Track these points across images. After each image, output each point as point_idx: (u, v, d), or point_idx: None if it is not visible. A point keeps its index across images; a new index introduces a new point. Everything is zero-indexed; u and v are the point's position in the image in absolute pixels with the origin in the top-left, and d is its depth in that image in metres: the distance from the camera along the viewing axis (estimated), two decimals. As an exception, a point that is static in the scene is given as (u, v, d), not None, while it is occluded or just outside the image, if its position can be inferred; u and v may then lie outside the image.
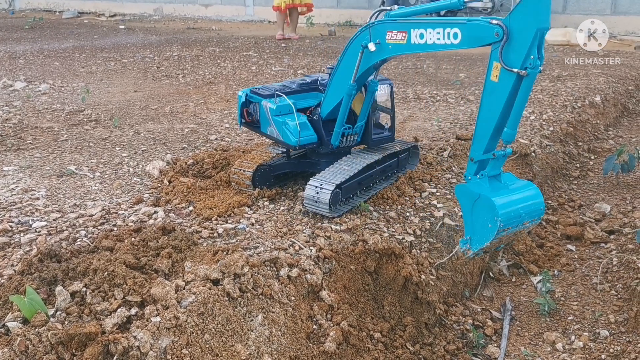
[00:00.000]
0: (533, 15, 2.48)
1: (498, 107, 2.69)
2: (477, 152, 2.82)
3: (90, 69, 8.19)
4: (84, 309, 2.53)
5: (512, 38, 2.56)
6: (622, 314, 3.38)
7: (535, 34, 2.49)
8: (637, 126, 6.52)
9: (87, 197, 3.75)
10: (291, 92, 3.76)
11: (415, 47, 3.02)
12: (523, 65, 2.54)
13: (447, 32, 2.84)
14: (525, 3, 2.50)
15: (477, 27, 2.70)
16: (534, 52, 2.53)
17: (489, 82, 2.70)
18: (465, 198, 2.90)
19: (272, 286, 2.84)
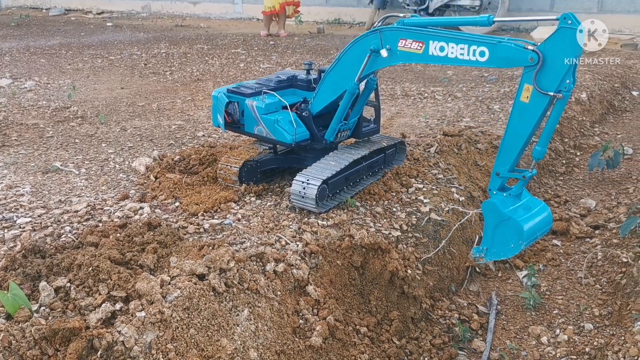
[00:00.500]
0: (570, 45, 2.54)
1: (528, 127, 2.74)
2: (503, 168, 2.88)
3: (76, 66, 8.13)
4: (68, 304, 2.52)
5: (547, 64, 2.60)
6: (607, 307, 3.41)
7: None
8: (623, 123, 6.57)
9: (72, 194, 3.72)
10: (269, 89, 3.70)
11: (432, 59, 3.00)
12: (557, 89, 2.60)
13: (472, 49, 2.84)
14: (562, 33, 2.55)
15: (509, 49, 2.71)
16: (569, 77, 2.59)
17: (519, 102, 2.73)
18: (492, 215, 2.95)
19: (258, 281, 2.84)
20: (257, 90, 3.67)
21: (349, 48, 3.31)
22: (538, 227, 2.94)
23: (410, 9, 11.83)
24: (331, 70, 3.45)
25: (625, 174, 5.11)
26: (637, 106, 7.12)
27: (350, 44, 3.31)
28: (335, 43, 10.55)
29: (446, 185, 4.06)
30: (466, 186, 4.18)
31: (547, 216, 3.00)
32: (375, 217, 3.56)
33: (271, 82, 3.80)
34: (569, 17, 2.53)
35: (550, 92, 2.60)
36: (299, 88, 3.77)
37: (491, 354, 3.17)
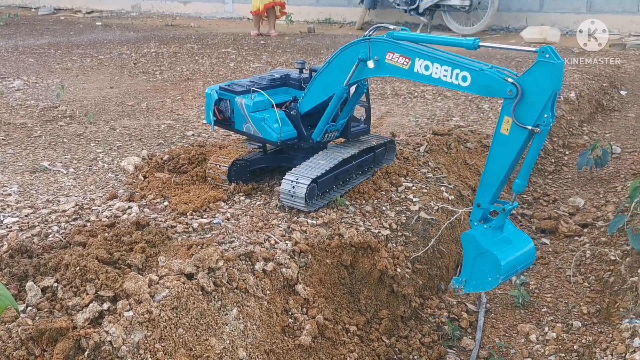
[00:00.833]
0: (549, 79, 2.50)
1: (508, 160, 2.71)
2: (484, 199, 2.84)
3: (65, 66, 8.09)
4: (55, 304, 2.50)
5: (526, 97, 2.57)
6: (595, 305, 3.43)
7: (550, 95, 2.52)
8: (611, 122, 6.61)
9: (60, 193, 3.70)
10: (262, 88, 3.71)
11: (417, 76, 2.96)
12: (536, 123, 2.56)
13: (455, 73, 2.80)
14: (540, 67, 2.51)
15: (490, 78, 2.67)
16: (547, 112, 2.56)
17: (499, 134, 2.70)
18: (471, 247, 2.89)
19: (247, 280, 2.83)
20: (248, 88, 3.67)
21: (339, 54, 3.30)
22: (518, 260, 2.88)
23: (401, 8, 11.85)
24: (321, 72, 3.44)
25: (613, 173, 5.14)
26: (626, 105, 7.17)
27: (340, 50, 3.29)
28: (325, 43, 10.56)
29: (435, 184, 4.07)
30: (455, 185, 4.19)
31: (529, 250, 2.93)
32: (364, 216, 3.56)
33: (264, 81, 3.80)
34: (547, 51, 2.48)
35: (529, 125, 2.56)
36: (292, 87, 3.77)
37: (480, 352, 3.17)
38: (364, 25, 12.72)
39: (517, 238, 2.92)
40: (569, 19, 11.56)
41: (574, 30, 11.51)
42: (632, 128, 6.34)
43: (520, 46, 2.75)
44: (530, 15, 11.76)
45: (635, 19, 10.88)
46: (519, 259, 2.88)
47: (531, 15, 11.76)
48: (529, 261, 2.95)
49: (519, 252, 2.88)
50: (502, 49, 2.81)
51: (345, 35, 11.59)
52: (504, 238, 2.87)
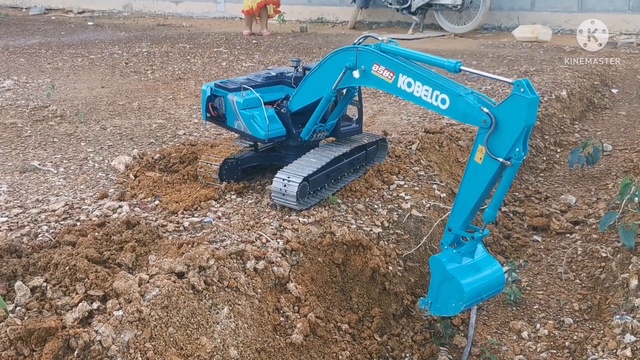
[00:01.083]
0: (522, 113, 2.46)
1: (480, 188, 2.70)
2: (456, 224, 2.83)
3: (56, 65, 8.04)
4: (44, 304, 2.49)
5: (499, 129, 2.54)
6: (586, 302, 3.44)
7: (522, 130, 2.49)
8: (602, 120, 6.63)
9: (50, 193, 3.68)
10: (257, 85, 3.73)
11: (400, 92, 2.94)
12: (507, 156, 2.54)
13: (435, 94, 2.78)
14: (514, 101, 2.48)
15: (466, 105, 2.65)
16: (519, 146, 2.53)
17: (473, 162, 2.69)
18: (438, 271, 2.88)
19: (238, 279, 2.82)
20: (241, 85, 3.68)
21: (328, 58, 3.29)
22: (484, 288, 2.86)
23: (393, 7, 11.86)
24: (311, 74, 3.44)
25: (604, 170, 5.16)
26: (617, 103, 7.20)
27: (330, 55, 3.28)
28: (318, 42, 10.55)
29: (427, 182, 4.06)
30: (447, 183, 4.19)
31: (497, 277, 2.91)
32: (356, 214, 3.55)
33: (259, 78, 3.81)
34: (522, 85, 2.43)
35: (500, 157, 2.54)
36: (286, 85, 3.77)
37: (472, 350, 3.17)
38: (356, 24, 12.72)
39: (486, 265, 2.89)
40: (561, 17, 11.60)
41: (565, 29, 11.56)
42: (623, 126, 6.36)
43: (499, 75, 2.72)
44: (522, 14, 11.79)
45: (626, 18, 10.93)
46: (485, 287, 2.86)
47: (523, 14, 11.79)
48: (497, 289, 2.94)
49: (486, 280, 2.86)
50: (482, 76, 2.78)
51: (338, 35, 11.59)
52: (472, 265, 2.86)
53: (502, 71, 7.71)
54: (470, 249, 2.85)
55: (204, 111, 3.83)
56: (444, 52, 9.51)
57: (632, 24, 10.96)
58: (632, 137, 5.97)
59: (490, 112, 2.54)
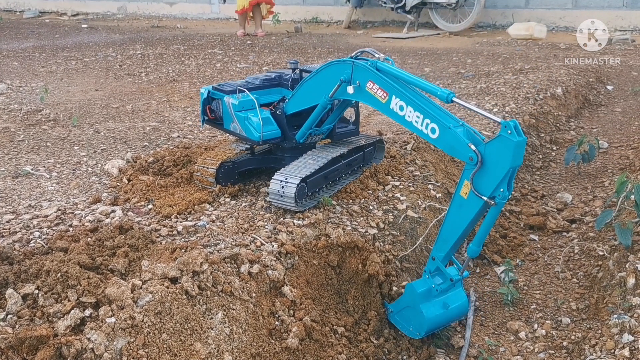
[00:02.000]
0: (508, 155, 2.46)
1: (463, 222, 2.71)
2: (439, 254, 2.89)
3: (50, 69, 8.01)
4: (36, 311, 2.46)
5: (485, 167, 2.54)
6: (583, 301, 3.42)
7: (507, 171, 2.49)
8: (598, 117, 6.62)
9: (42, 198, 3.65)
10: (254, 87, 3.72)
11: (392, 114, 2.92)
12: (492, 195, 2.54)
13: (426, 122, 2.76)
14: (500, 142, 2.47)
15: (455, 139, 2.64)
16: (503, 186, 2.53)
17: (459, 196, 2.69)
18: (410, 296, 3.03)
19: (233, 283, 2.79)
20: (238, 87, 3.67)
21: (324, 68, 3.26)
22: (445, 322, 3.10)
23: (387, 6, 11.85)
24: (307, 80, 3.42)
25: (600, 168, 5.15)
26: (612, 100, 7.19)
27: (325, 65, 3.26)
28: (313, 42, 10.53)
29: (423, 182, 4.04)
30: (443, 183, 4.17)
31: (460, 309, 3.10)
32: (351, 215, 3.53)
33: (257, 81, 3.81)
34: (509, 127, 2.42)
35: (485, 196, 2.55)
36: (284, 87, 3.76)
37: (469, 351, 3.15)
38: (351, 23, 12.70)
39: (454, 300, 3.05)
40: (555, 14, 11.59)
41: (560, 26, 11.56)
42: (618, 122, 6.35)
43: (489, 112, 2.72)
44: (516, 12, 11.78)
45: (621, 14, 10.94)
46: (446, 320, 3.10)
47: (517, 12, 11.79)
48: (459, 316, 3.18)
49: (449, 315, 3.06)
50: (473, 110, 2.74)
51: (333, 35, 11.57)
52: (442, 301, 3.01)
53: (497, 69, 7.70)
54: (447, 288, 2.96)
55: (202, 114, 3.83)
56: (439, 51, 9.50)
57: (627, 20, 10.96)
58: (627, 133, 5.96)
59: (477, 149, 2.54)
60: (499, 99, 6.04)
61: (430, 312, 2.97)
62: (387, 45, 10.17)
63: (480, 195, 2.56)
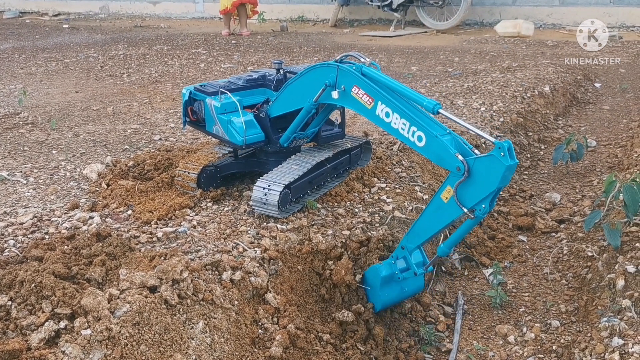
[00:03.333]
0: (497, 176, 2.41)
1: (439, 224, 2.70)
2: (410, 245, 2.91)
3: (29, 70, 7.86)
4: (9, 324, 2.38)
5: (471, 181, 2.50)
6: (573, 303, 3.36)
7: (493, 191, 2.46)
8: (586, 115, 6.59)
9: (18, 204, 3.54)
10: (237, 88, 3.62)
11: (378, 120, 2.85)
12: (473, 208, 2.52)
13: (412, 130, 2.70)
14: (492, 161, 2.42)
15: (442, 148, 2.58)
16: (486, 203, 2.50)
17: (439, 198, 2.65)
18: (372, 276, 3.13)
19: (214, 291, 2.71)
20: (220, 89, 3.58)
21: (308, 71, 3.19)
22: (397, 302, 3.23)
23: (374, 4, 11.79)
24: (292, 83, 3.33)
25: (589, 167, 5.11)
26: (600, 98, 7.17)
27: (310, 68, 3.18)
28: (299, 41, 10.44)
29: (409, 184, 3.97)
30: (430, 184, 4.11)
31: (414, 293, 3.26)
32: (337, 218, 3.45)
33: (240, 81, 3.71)
34: (503, 149, 2.37)
35: (465, 207, 2.52)
36: (269, 88, 3.67)
37: (458, 356, 3.09)
38: (337, 22, 12.63)
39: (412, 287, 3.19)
40: (542, 11, 11.59)
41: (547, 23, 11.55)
42: (607, 120, 6.32)
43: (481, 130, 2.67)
44: (503, 9, 11.76)
45: (608, 11, 10.94)
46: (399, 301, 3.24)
47: (505, 9, 11.77)
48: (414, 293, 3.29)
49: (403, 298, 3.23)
50: (461, 124, 2.65)
51: (319, 33, 11.48)
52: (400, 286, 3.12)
53: (485, 67, 7.66)
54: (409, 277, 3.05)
55: (184, 116, 3.73)
56: (426, 49, 9.45)
57: (614, 16, 10.97)
58: (615, 131, 5.93)
59: (465, 161, 2.49)
60: (486, 98, 5.99)
61: (387, 296, 3.09)
62: (373, 44, 10.10)
63: (461, 206, 2.53)
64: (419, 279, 3.16)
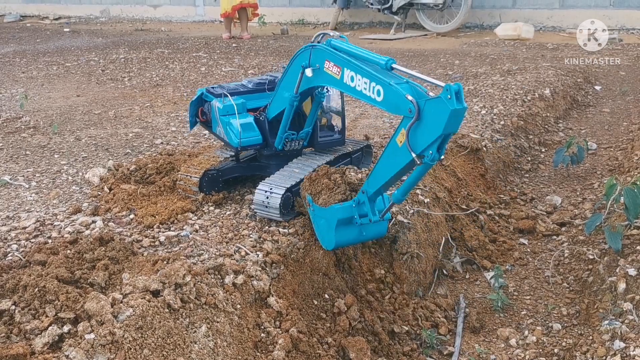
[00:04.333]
0: (443, 120, 2.33)
1: (394, 168, 2.66)
2: (369, 189, 2.86)
3: (31, 74, 7.88)
4: (12, 328, 2.38)
5: (421, 124, 2.44)
6: (574, 306, 3.37)
7: (439, 136, 2.39)
8: (586, 118, 6.60)
9: (21, 209, 3.55)
10: (245, 91, 3.68)
11: (346, 88, 2.85)
12: (422, 153, 2.46)
13: (372, 86, 2.68)
14: (439, 104, 2.34)
15: (395, 94, 2.54)
16: (433, 149, 2.43)
17: (394, 142, 2.61)
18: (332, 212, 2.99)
19: (217, 295, 2.72)
20: (229, 91, 3.64)
21: (291, 61, 3.21)
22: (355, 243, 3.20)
23: (374, 8, 11.81)
24: (281, 81, 3.35)
25: (589, 169, 5.12)
26: (600, 100, 7.18)
27: (292, 59, 3.20)
28: (299, 44, 10.45)
29: (411, 187, 3.97)
30: (431, 187, 4.11)
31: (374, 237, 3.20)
32: (338, 222, 3.45)
33: (250, 84, 3.76)
34: (450, 92, 2.29)
35: (415, 152, 2.47)
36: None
37: (460, 359, 3.09)
38: (338, 25, 12.65)
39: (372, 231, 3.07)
40: (542, 14, 11.61)
41: (547, 26, 11.57)
42: (607, 123, 6.33)
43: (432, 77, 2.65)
44: (503, 12, 11.79)
45: (608, 13, 10.95)
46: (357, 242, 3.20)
47: (505, 12, 11.79)
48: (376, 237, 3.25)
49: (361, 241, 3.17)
50: (413, 76, 2.63)
51: (319, 36, 11.49)
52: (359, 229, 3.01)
53: (485, 70, 7.67)
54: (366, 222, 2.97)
55: (190, 117, 3.82)
56: (427, 52, 9.47)
57: (614, 19, 10.99)
58: (616, 134, 5.94)
59: (415, 101, 2.43)
60: (487, 101, 6.00)
61: (343, 237, 2.99)
62: (374, 47, 10.12)
63: (411, 150, 2.47)
64: (382, 225, 3.08)
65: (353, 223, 2.98)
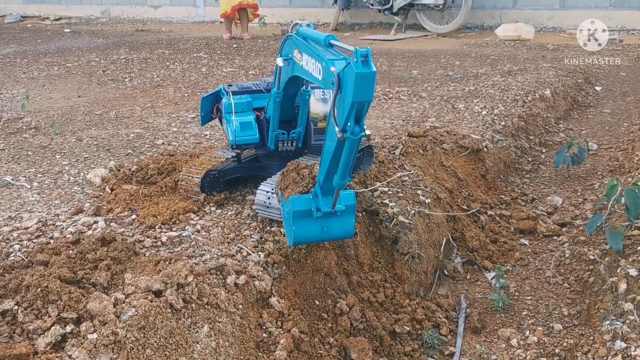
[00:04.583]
0: (350, 86, 2.19)
1: (330, 150, 2.52)
2: (319, 177, 2.72)
3: (32, 75, 7.89)
4: (15, 328, 2.38)
5: (341, 94, 2.31)
6: (575, 306, 3.38)
7: (350, 105, 2.23)
8: (587, 118, 6.61)
9: (23, 209, 3.56)
10: (256, 90, 3.69)
11: (305, 73, 2.75)
12: (343, 128, 2.32)
13: (317, 65, 2.57)
14: (348, 70, 2.20)
15: (326, 69, 2.42)
16: (351, 121, 2.30)
17: (330, 122, 2.47)
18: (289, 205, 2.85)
19: (219, 295, 2.72)
20: (240, 89, 3.66)
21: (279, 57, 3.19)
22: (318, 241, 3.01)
23: (375, 8, 11.82)
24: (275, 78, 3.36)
25: (590, 170, 5.13)
26: (601, 101, 7.19)
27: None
28: (299, 45, 10.46)
29: (412, 188, 3.99)
30: (432, 188, 4.12)
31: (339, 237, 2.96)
32: (340, 222, 3.46)
33: (264, 84, 3.79)
34: (356, 55, 2.16)
35: (338, 127, 2.31)
36: None
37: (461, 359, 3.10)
38: (338, 25, 12.66)
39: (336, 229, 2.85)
40: (543, 15, 11.62)
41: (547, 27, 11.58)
42: (607, 124, 6.34)
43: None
44: (504, 13, 11.80)
45: (608, 14, 10.97)
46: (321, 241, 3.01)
47: (505, 13, 11.81)
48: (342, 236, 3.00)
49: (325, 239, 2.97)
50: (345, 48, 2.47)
51: (319, 37, 11.50)
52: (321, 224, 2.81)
53: (486, 71, 7.68)
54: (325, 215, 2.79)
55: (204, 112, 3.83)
56: (427, 53, 9.47)
57: (614, 20, 11.00)
58: (616, 135, 5.95)
59: (337, 73, 2.26)
60: (487, 102, 6.01)
61: (303, 232, 2.81)
62: (374, 47, 10.13)
63: (335, 124, 2.34)
64: (348, 222, 2.87)
65: (313, 217, 2.79)
